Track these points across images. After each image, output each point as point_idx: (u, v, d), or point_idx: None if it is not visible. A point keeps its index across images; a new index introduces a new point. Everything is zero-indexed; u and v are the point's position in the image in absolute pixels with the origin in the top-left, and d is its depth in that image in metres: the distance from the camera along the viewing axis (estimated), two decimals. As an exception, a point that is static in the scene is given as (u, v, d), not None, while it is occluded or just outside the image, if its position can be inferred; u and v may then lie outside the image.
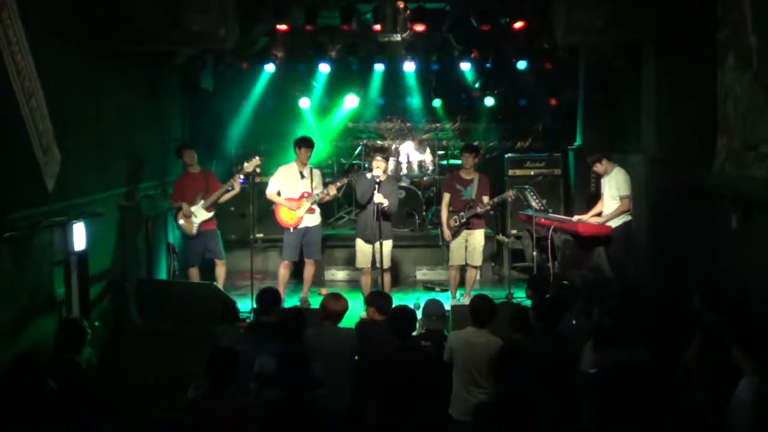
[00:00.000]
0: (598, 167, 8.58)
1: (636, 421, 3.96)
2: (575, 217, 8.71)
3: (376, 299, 6.20)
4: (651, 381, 4.33)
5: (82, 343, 5.36)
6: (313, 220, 8.69)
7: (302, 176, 8.62)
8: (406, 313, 5.46)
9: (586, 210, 8.97)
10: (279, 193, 8.62)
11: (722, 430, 4.21)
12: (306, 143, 8.66)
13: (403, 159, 11.29)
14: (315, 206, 8.64)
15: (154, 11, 7.25)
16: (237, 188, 8.58)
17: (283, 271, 8.74)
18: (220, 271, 8.66)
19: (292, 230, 8.59)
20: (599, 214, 8.58)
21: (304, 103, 12.03)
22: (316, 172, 8.77)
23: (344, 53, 10.92)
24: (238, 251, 9.92)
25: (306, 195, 8.56)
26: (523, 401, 4.33)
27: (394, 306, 5.77)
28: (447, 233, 8.59)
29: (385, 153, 10.27)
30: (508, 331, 5.54)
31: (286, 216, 8.56)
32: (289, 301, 8.69)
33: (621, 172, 8.41)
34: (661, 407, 4.06)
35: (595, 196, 9.22)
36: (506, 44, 10.38)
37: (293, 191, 8.59)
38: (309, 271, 8.78)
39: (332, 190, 8.76)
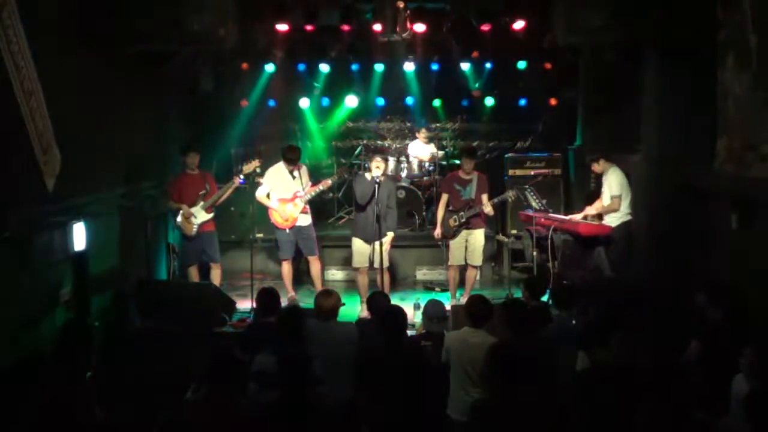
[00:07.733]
0: (596, 167, 8.60)
1: (625, 420, 3.95)
2: (571, 216, 8.71)
3: (370, 301, 6.47)
4: (641, 380, 4.32)
5: (88, 346, 4.85)
6: (305, 219, 8.70)
7: (293, 177, 8.61)
8: (394, 312, 5.43)
9: (582, 209, 8.95)
10: (269, 195, 8.61)
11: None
12: (286, 155, 8.55)
13: (405, 158, 11.26)
14: (307, 206, 8.65)
15: (154, 11, 7.27)
16: (236, 182, 8.57)
17: (287, 268, 8.78)
18: (215, 274, 8.66)
19: (287, 231, 8.61)
20: (599, 215, 8.57)
21: (304, 103, 12.02)
22: (304, 171, 8.77)
23: (344, 53, 10.92)
24: (237, 251, 9.91)
25: (298, 195, 8.56)
26: (518, 400, 4.31)
27: (383, 306, 5.76)
28: (438, 231, 8.61)
29: (385, 153, 10.26)
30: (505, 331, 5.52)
31: (280, 217, 8.57)
32: (302, 297, 8.83)
33: (615, 172, 8.42)
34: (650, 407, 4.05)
35: (592, 195, 9.21)
36: (506, 44, 10.39)
37: (285, 192, 8.59)
38: (315, 268, 8.79)
39: (325, 185, 8.78)
